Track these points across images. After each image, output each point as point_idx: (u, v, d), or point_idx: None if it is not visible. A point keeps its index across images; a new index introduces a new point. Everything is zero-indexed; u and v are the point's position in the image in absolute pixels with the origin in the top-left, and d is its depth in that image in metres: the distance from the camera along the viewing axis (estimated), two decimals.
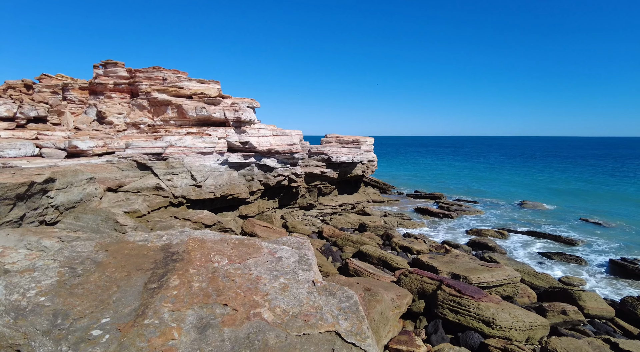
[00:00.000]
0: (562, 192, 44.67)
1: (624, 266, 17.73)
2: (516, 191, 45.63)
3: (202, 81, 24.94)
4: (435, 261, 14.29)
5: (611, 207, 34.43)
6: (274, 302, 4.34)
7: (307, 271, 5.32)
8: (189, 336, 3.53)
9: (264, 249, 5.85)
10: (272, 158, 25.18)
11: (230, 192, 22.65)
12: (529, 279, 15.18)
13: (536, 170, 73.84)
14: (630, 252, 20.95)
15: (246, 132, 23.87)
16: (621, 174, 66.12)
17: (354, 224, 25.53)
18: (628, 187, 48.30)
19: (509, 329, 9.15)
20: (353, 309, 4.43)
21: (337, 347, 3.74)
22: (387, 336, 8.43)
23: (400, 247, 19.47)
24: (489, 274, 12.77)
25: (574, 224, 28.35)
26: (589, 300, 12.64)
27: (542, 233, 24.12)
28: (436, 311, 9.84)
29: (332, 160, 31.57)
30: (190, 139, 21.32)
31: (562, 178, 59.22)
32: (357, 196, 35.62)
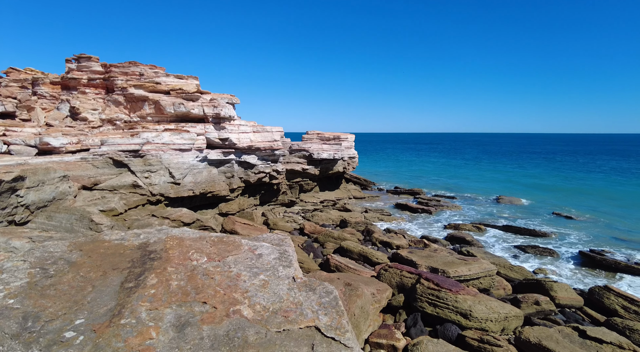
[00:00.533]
0: (536, 187, 46.14)
1: (592, 257, 18.51)
2: (492, 186, 46.83)
3: (180, 77, 24.47)
4: (415, 255, 14.54)
5: (581, 201, 35.80)
6: (254, 299, 4.33)
7: (288, 267, 5.32)
8: (167, 335, 3.49)
9: (244, 246, 5.82)
10: (253, 155, 24.98)
11: (210, 189, 22.37)
12: (505, 272, 15.64)
13: (511, 166, 75.98)
14: (598, 244, 21.88)
15: (226, 128, 23.58)
16: (590, 169, 68.87)
17: (335, 220, 25.66)
18: (596, 182, 50.30)
19: (485, 320, 9.42)
20: (333, 304, 4.47)
21: (316, 342, 3.77)
22: (367, 330, 8.54)
23: (381, 243, 19.71)
24: (466, 267, 13.09)
25: (547, 217, 29.35)
26: (560, 290, 13.14)
27: (517, 227, 24.86)
28: (415, 304, 10.02)
29: (313, 157, 31.59)
30: (168, 136, 20.91)
31: (536, 174, 61.13)
32: (339, 192, 35.80)
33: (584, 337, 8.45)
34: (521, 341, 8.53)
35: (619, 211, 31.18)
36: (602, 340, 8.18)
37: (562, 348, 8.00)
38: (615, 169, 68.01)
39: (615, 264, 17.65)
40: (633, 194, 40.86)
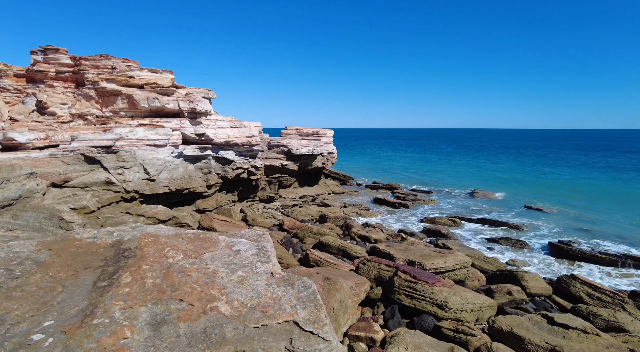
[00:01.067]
0: (508, 181, 47.62)
1: (560, 248, 19.31)
2: (467, 180, 48.01)
3: (155, 70, 23.80)
4: (392, 248, 14.77)
5: (550, 194, 37.22)
6: (232, 295, 4.31)
7: (266, 263, 5.31)
8: (142, 334, 3.42)
9: (221, 242, 5.76)
10: (230, 150, 24.66)
11: (186, 186, 21.97)
12: (479, 264, 16.11)
13: (484, 160, 78.19)
14: (566, 235, 22.83)
15: (202, 123, 23.16)
16: (557, 164, 71.76)
17: (315, 215, 25.72)
18: (564, 175, 52.37)
19: (460, 311, 9.69)
20: (311, 298, 4.50)
21: (295, 336, 3.79)
22: (346, 323, 8.63)
23: (359, 237, 19.91)
24: (442, 259, 13.41)
25: (519, 210, 30.38)
26: (530, 280, 13.66)
27: (491, 220, 25.61)
28: (393, 296, 10.21)
29: (292, 153, 31.48)
30: (143, 131, 20.36)
31: (507, 168, 63.08)
32: (318, 188, 35.87)
33: (552, 323, 8.83)
34: (494, 330, 8.83)
35: (585, 204, 32.60)
36: (568, 326, 8.57)
37: (532, 335, 8.34)
38: (582, 164, 71.00)
39: (581, 253, 18.48)
40: (597, 187, 42.80)
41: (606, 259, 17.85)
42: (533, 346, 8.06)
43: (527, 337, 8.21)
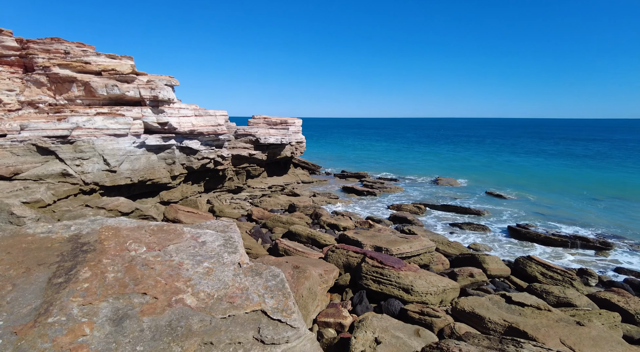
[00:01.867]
0: (471, 168, 49.49)
1: (518, 231, 20.40)
2: (431, 168, 49.47)
3: (113, 56, 22.57)
4: (360, 235, 15.03)
5: (509, 181, 39.09)
6: (198, 287, 4.24)
7: (233, 253, 5.25)
8: (102, 330, 3.30)
9: (186, 234, 5.63)
10: (195, 140, 23.99)
11: (150, 177, 21.23)
12: (443, 248, 16.72)
13: (447, 149, 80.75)
14: (524, 219, 24.13)
15: (165, 112, 22.33)
16: (516, 151, 75.37)
17: (284, 205, 25.66)
18: (523, 163, 55.04)
19: (425, 294, 10.05)
20: (279, 287, 4.51)
21: (263, 325, 3.79)
22: (315, 310, 8.74)
23: (328, 225, 20.10)
24: (408, 245, 13.80)
25: (481, 196, 31.72)
26: (491, 263, 14.36)
27: (454, 206, 26.58)
28: (361, 282, 10.42)
29: (260, 142, 31.08)
30: (101, 120, 19.37)
31: (470, 156, 65.50)
32: (287, 177, 35.74)
33: (509, 302, 9.35)
34: (457, 311, 9.24)
35: (540, 189, 34.50)
36: (524, 303, 9.11)
37: (492, 314, 8.80)
38: (538, 151, 74.88)
39: (537, 236, 19.62)
40: (551, 173, 45.40)
41: (558, 241, 19.05)
42: (492, 324, 8.51)
43: (487, 317, 8.66)
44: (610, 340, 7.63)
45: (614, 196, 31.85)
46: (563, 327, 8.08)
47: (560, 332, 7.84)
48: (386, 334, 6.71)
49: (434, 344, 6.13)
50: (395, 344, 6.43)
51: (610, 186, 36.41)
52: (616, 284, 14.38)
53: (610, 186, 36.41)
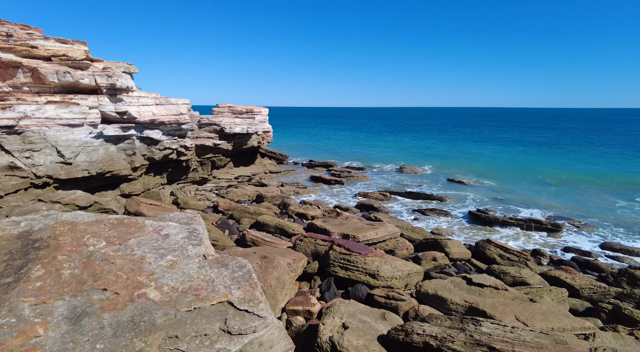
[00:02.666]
0: (433, 156, 51.06)
1: (478, 216, 21.36)
2: (396, 156, 50.61)
3: (64, 41, 21.13)
4: (328, 223, 15.18)
5: (470, 167, 40.70)
6: (161, 281, 4.14)
7: (198, 245, 5.16)
8: (58, 330, 3.16)
9: (148, 227, 5.46)
10: (157, 129, 23.12)
11: (109, 169, 20.30)
12: (407, 234, 17.23)
13: (410, 137, 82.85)
14: (483, 204, 25.28)
15: (123, 100, 21.31)
16: (477, 138, 78.50)
17: (251, 195, 25.40)
18: (482, 150, 57.39)
19: (391, 278, 10.34)
20: (246, 278, 4.49)
21: (229, 316, 3.77)
22: (284, 298, 8.79)
23: (297, 214, 20.14)
24: (374, 231, 14.11)
25: (443, 183, 32.87)
26: (453, 246, 14.97)
27: (417, 193, 27.37)
28: (329, 269, 10.57)
29: (225, 132, 30.42)
30: (53, 109, 18.20)
31: (432, 144, 67.51)
32: (254, 168, 35.31)
33: (470, 284, 9.82)
34: (421, 293, 9.59)
35: (498, 175, 36.21)
36: (483, 284, 9.60)
37: (453, 295, 9.22)
38: (495, 139, 78.29)
39: (495, 220, 20.64)
40: (508, 159, 47.70)
41: (515, 224, 20.15)
42: (454, 304, 8.92)
43: (449, 298, 9.06)
44: (558, 314, 8.22)
45: (563, 180, 34.04)
46: (518, 304, 8.61)
47: (515, 310, 8.35)
48: (353, 319, 6.87)
49: (399, 327, 6.35)
50: (362, 329, 6.61)
51: (559, 171, 38.84)
52: (564, 263, 15.45)
53: (559, 171, 38.84)
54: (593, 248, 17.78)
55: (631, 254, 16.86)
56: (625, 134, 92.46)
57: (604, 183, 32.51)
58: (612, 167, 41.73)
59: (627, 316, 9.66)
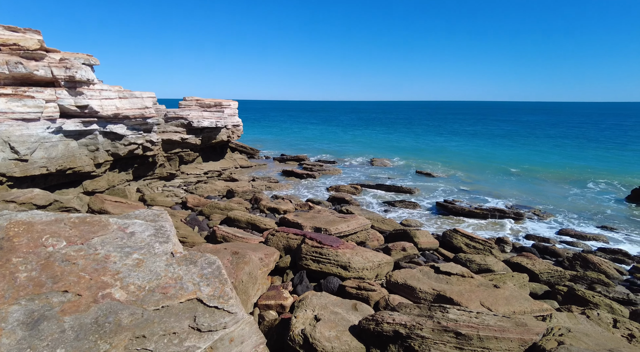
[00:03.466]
0: (402, 149, 52.12)
1: (445, 206, 22.03)
2: (366, 150, 51.27)
3: (14, 29, 19.82)
4: (300, 217, 15.21)
5: (437, 159, 41.85)
6: (127, 280, 4.03)
7: (165, 243, 5.05)
8: (13, 336, 3.01)
9: (113, 225, 5.28)
10: (121, 124, 22.23)
11: (70, 165, 19.36)
12: (378, 225, 17.55)
13: (379, 131, 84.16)
14: (450, 195, 26.09)
15: (84, 94, 20.30)
16: (443, 131, 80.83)
17: (222, 191, 25.00)
18: (449, 143, 59.07)
19: (362, 269, 10.53)
20: (215, 274, 4.44)
21: (199, 313, 3.73)
22: (256, 294, 8.76)
23: (268, 209, 20.03)
24: (346, 224, 14.27)
25: (412, 175, 33.64)
26: (421, 237, 15.39)
27: (387, 185, 27.88)
28: (301, 263, 10.62)
29: (193, 126, 29.66)
30: (5, 103, 17.09)
31: (401, 137, 68.84)
32: (224, 163, 34.70)
33: (438, 272, 10.15)
34: (391, 283, 9.82)
35: (464, 167, 37.47)
36: (451, 273, 9.95)
37: (422, 284, 9.50)
38: (464, 131, 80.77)
39: (462, 210, 21.37)
40: (473, 152, 49.37)
41: (480, 213, 20.95)
42: (423, 293, 9.20)
43: (418, 287, 9.33)
44: (520, 298, 8.66)
45: (523, 170, 35.72)
46: (483, 290, 8.99)
47: (480, 296, 8.72)
48: (325, 310, 6.95)
49: (370, 317, 6.49)
50: (334, 320, 6.70)
51: (519, 161, 40.74)
52: (526, 249, 16.27)
53: (519, 161, 40.74)
54: (551, 235, 18.80)
55: (584, 239, 17.97)
56: (582, 126, 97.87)
57: (559, 173, 34.40)
58: (566, 157, 44.24)
59: (579, 296, 10.32)
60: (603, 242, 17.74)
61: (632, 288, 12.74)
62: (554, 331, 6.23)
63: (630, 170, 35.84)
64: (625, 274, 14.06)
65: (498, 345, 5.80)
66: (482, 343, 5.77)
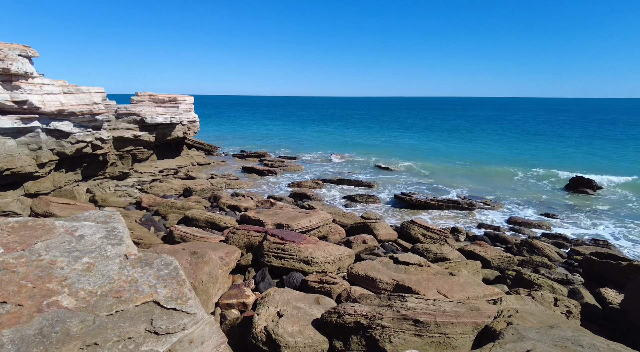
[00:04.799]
0: (360, 144, 53.03)
1: (403, 199, 22.73)
2: (326, 145, 51.68)
3: None
4: (262, 214, 15.06)
5: (395, 154, 43.03)
6: (76, 286, 3.81)
7: (118, 245, 4.82)
8: None
9: (59, 228, 4.96)
10: (67, 121, 20.80)
11: (8, 166, 17.88)
12: (339, 219, 17.77)
13: (338, 126, 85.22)
14: (408, 188, 26.94)
15: (22, 88, 18.75)
16: (397, 126, 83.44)
17: (178, 189, 24.19)
18: (406, 140, 60.82)
19: (324, 263, 10.63)
20: (173, 275, 4.31)
21: (156, 316, 3.60)
22: (217, 293, 8.59)
23: (229, 207, 19.65)
24: (308, 219, 14.33)
25: (371, 170, 34.36)
26: (381, 229, 15.77)
27: (348, 180, 28.28)
28: (263, 260, 10.54)
29: (146, 122, 28.35)
30: None
31: (358, 133, 70.01)
32: (180, 160, 33.53)
33: (396, 263, 10.47)
34: (352, 276, 10.00)
35: (418, 160, 38.82)
36: (409, 262, 10.30)
37: (382, 274, 9.77)
38: (418, 127, 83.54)
39: (419, 202, 22.14)
40: (427, 145, 51.27)
41: (436, 205, 21.81)
42: (383, 283, 9.45)
43: (378, 278, 9.57)
44: (473, 284, 9.14)
45: (472, 162, 37.65)
46: (439, 278, 9.39)
47: (437, 283, 9.10)
48: (288, 306, 6.96)
49: (332, 309, 6.58)
50: (297, 315, 6.73)
51: (469, 154, 42.97)
52: (478, 237, 17.17)
53: (469, 154, 42.97)
54: (501, 223, 19.97)
55: (530, 226, 19.27)
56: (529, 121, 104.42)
57: (505, 164, 36.61)
58: (510, 150, 47.16)
59: (526, 279, 11.07)
60: (546, 228, 19.11)
61: (570, 269, 13.87)
62: (503, 313, 6.64)
63: (567, 161, 38.87)
64: (565, 256, 15.26)
65: (454, 330, 6.09)
66: (439, 329, 6.04)
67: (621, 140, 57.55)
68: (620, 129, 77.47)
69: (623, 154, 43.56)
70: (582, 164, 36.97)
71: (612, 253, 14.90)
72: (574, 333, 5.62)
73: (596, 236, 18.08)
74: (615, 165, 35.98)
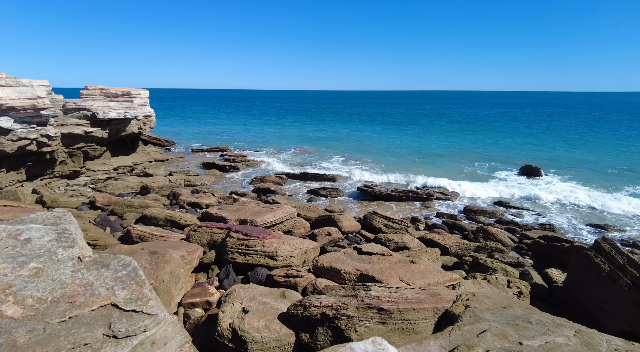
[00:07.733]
0: (323, 138, 53.27)
1: (365, 191, 23.16)
2: (288, 139, 51.44)
3: None
4: (224, 211, 14.79)
5: (358, 146, 43.68)
6: (23, 293, 3.58)
7: (70, 247, 4.57)
8: None
9: (1, 232, 4.61)
10: (6, 117, 19.25)
11: None
12: (304, 213, 17.82)
13: (298, 120, 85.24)
14: (370, 180, 27.50)
15: None
16: (357, 120, 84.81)
17: (135, 187, 23.18)
18: (372, 134, 61.82)
19: (289, 257, 10.65)
20: (132, 276, 4.15)
21: (114, 319, 3.46)
22: (180, 293, 8.38)
23: (189, 204, 19.11)
24: (272, 214, 14.25)
25: (335, 163, 34.64)
26: (344, 221, 15.99)
27: (312, 173, 28.34)
28: (226, 257, 10.38)
29: (98, 117, 26.82)
30: None
31: (320, 127, 70.20)
32: (136, 157, 32.08)
33: (360, 253, 10.68)
34: (317, 268, 10.09)
35: (380, 152, 39.69)
36: (372, 252, 10.55)
37: (346, 265, 9.93)
38: (376, 120, 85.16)
39: (380, 194, 22.65)
40: (386, 138, 52.50)
41: (397, 196, 22.42)
42: (347, 274, 9.62)
43: (343, 269, 9.73)
44: (433, 271, 9.52)
45: (431, 154, 39.04)
46: (401, 267, 9.69)
47: (399, 272, 9.39)
48: (253, 302, 6.92)
49: (298, 302, 6.63)
50: (263, 310, 6.71)
51: (427, 145, 44.51)
52: (437, 226, 17.86)
53: (427, 145, 44.51)
54: (458, 212, 20.90)
55: (484, 214, 20.30)
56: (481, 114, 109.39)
57: (458, 155, 38.30)
58: (462, 141, 49.37)
59: (482, 264, 11.70)
60: (499, 215, 20.22)
61: (521, 253, 14.81)
62: (461, 297, 6.99)
63: (518, 151, 41.27)
64: (516, 241, 16.25)
65: (416, 315, 6.33)
66: (402, 315, 6.25)
67: (587, 133, 61.86)
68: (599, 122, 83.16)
69: (574, 147, 46.86)
70: (531, 155, 39.43)
71: (557, 236, 16.09)
72: (524, 312, 6.03)
73: (544, 221, 19.39)
74: (565, 157, 38.68)
